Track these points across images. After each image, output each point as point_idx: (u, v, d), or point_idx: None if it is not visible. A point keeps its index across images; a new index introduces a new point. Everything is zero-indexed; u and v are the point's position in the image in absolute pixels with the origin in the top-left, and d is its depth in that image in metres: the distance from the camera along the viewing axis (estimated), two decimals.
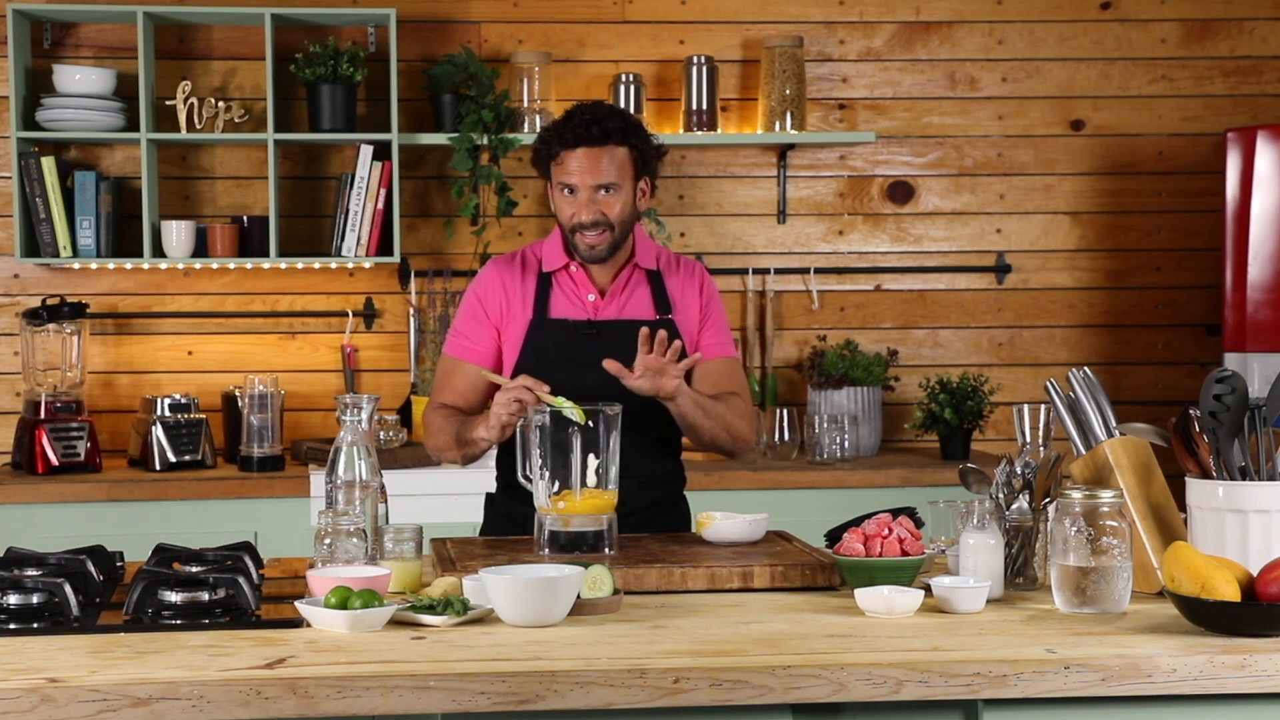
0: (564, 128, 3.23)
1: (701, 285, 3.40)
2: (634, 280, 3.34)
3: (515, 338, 3.30)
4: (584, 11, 5.26)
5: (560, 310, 3.31)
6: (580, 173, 3.21)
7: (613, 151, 3.22)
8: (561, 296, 3.32)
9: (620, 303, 3.32)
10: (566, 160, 3.22)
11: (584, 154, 3.21)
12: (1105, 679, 2.19)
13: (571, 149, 3.21)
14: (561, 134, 3.22)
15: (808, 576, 2.74)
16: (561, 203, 3.26)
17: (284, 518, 4.58)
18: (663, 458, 3.38)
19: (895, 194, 5.38)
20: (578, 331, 3.28)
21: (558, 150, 3.23)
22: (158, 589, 2.48)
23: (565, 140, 3.21)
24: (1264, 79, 5.43)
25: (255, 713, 2.07)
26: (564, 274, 3.33)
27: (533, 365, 3.22)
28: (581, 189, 3.22)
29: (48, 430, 4.71)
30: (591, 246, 3.25)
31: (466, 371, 3.33)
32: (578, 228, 3.24)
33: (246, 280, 5.17)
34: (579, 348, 3.25)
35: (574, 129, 3.21)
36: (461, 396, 3.34)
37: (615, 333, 3.27)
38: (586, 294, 3.31)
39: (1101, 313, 5.45)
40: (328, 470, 2.78)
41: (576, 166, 3.21)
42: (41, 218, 4.85)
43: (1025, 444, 2.81)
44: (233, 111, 4.97)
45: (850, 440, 4.95)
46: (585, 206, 3.22)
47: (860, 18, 5.34)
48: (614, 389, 3.11)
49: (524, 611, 2.40)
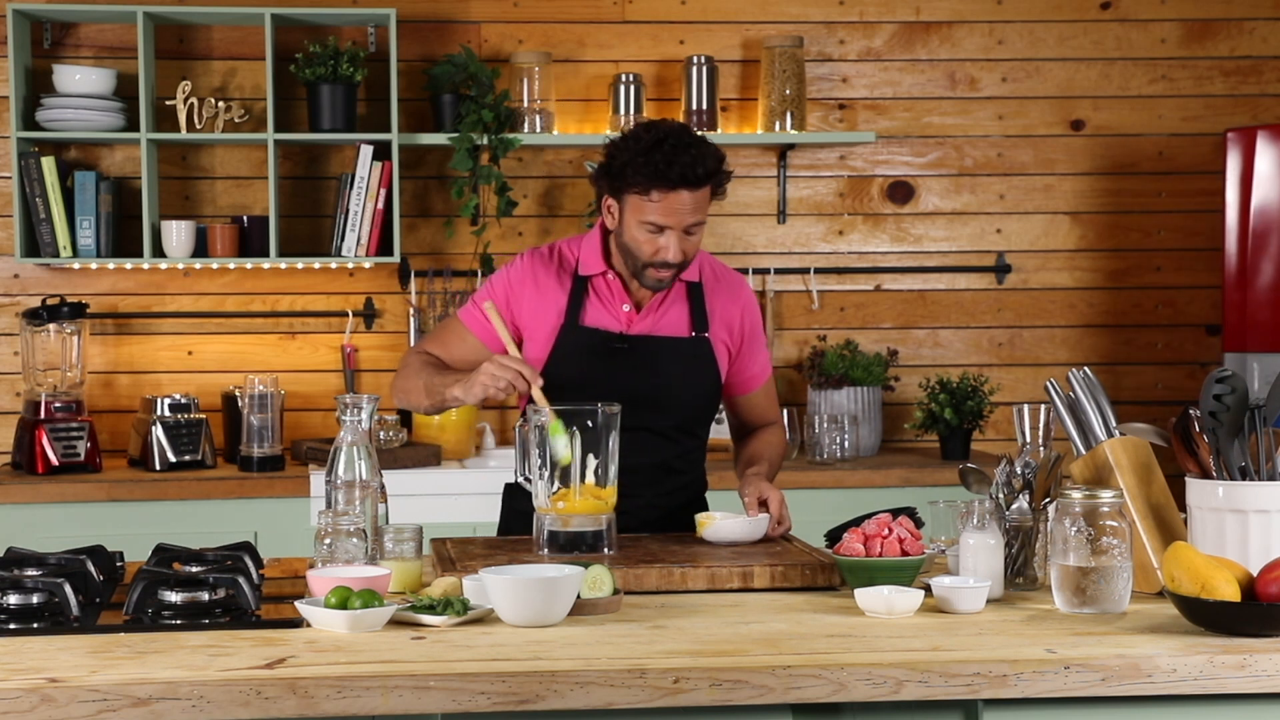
0: (665, 168, 3.00)
1: (744, 307, 3.29)
2: (672, 295, 3.23)
3: (542, 338, 3.20)
4: (584, 11, 5.26)
5: (594, 319, 3.19)
6: (676, 214, 3.04)
7: (706, 191, 3.06)
8: (596, 304, 3.20)
9: (655, 318, 3.21)
10: (665, 200, 3.02)
11: (687, 195, 3.02)
12: (1105, 679, 2.19)
13: (673, 190, 3.02)
14: (660, 172, 3.00)
15: (808, 576, 2.74)
16: (642, 235, 3.07)
17: (284, 518, 4.58)
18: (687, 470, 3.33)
19: (895, 194, 5.38)
20: (609, 343, 3.18)
21: (654, 188, 3.02)
22: (158, 589, 2.48)
23: (669, 181, 3.00)
24: (1264, 79, 5.43)
25: (255, 713, 2.07)
26: (600, 280, 3.21)
27: (560, 370, 3.15)
28: (676, 230, 3.07)
29: (48, 430, 4.71)
30: (661, 280, 3.13)
31: (468, 340, 3.24)
32: (659, 265, 3.10)
33: (246, 280, 5.17)
34: (607, 359, 3.16)
35: (679, 170, 3.00)
36: (450, 356, 3.24)
37: (646, 348, 3.19)
38: (621, 304, 3.20)
39: (1101, 313, 5.45)
40: (328, 470, 2.78)
41: (676, 207, 3.03)
42: (41, 218, 4.86)
43: (1025, 444, 2.81)
44: (233, 111, 4.97)
45: (850, 440, 4.95)
46: (675, 248, 3.07)
47: (860, 18, 5.34)
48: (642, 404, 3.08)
49: (524, 611, 2.40)
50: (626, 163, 3.05)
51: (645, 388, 3.16)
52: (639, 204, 3.06)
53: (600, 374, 3.15)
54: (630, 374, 3.16)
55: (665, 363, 3.17)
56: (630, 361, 3.17)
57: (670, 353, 3.20)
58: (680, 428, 3.25)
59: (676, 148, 3.01)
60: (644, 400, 3.14)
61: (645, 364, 3.17)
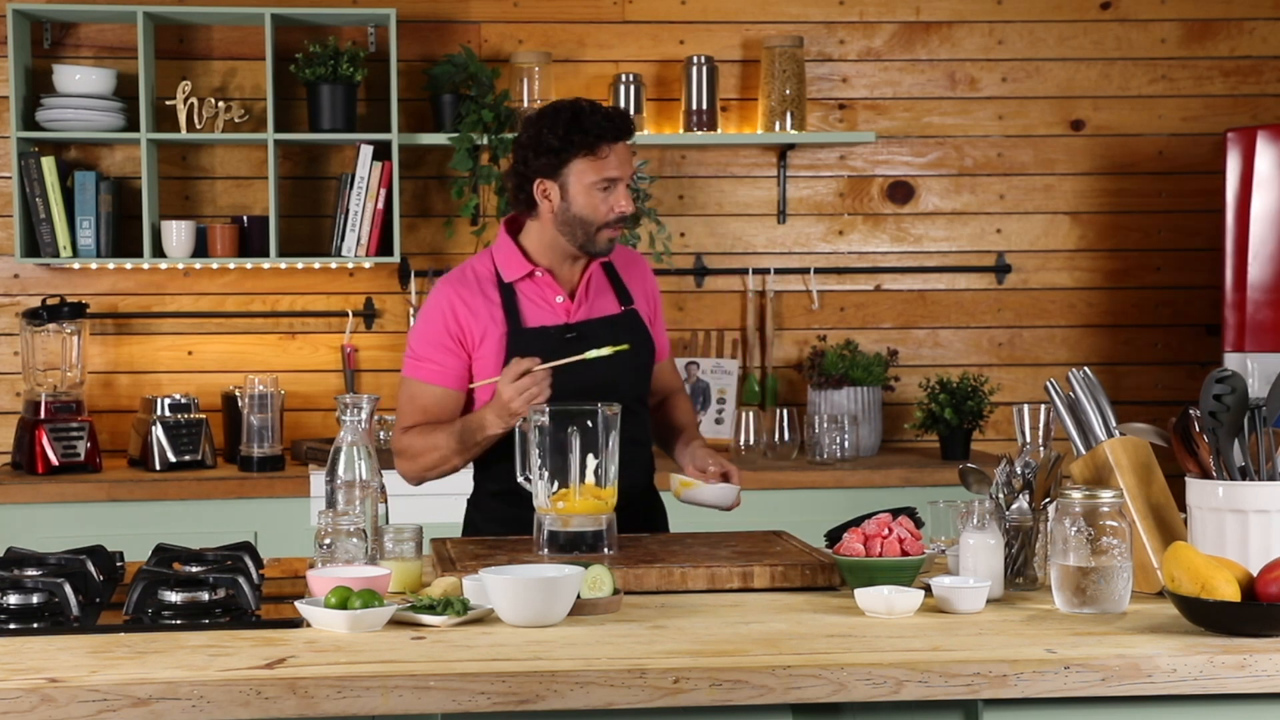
0: (602, 125, 3.18)
1: (647, 274, 3.45)
2: (596, 277, 3.34)
3: (491, 353, 3.24)
4: (584, 11, 5.27)
5: (534, 318, 3.27)
6: (621, 165, 3.20)
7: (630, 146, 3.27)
8: (530, 304, 3.28)
9: (590, 302, 3.32)
10: (609, 155, 3.18)
11: (623, 147, 3.22)
12: (1105, 679, 2.19)
13: (615, 142, 3.19)
14: (602, 130, 3.17)
15: (808, 576, 2.74)
16: (595, 198, 3.19)
17: (284, 518, 4.58)
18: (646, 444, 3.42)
19: (895, 194, 5.38)
20: (558, 337, 3.25)
21: (598, 143, 3.18)
22: (158, 589, 2.48)
23: (609, 135, 3.18)
24: (1264, 79, 5.43)
25: (255, 713, 2.07)
26: (527, 282, 3.28)
27: None
28: (624, 180, 3.21)
29: (48, 430, 4.71)
30: (613, 240, 3.26)
31: (438, 395, 3.28)
32: (615, 222, 3.23)
33: (246, 280, 5.17)
34: (561, 352, 3.19)
35: (615, 123, 3.19)
36: (433, 418, 3.28)
37: (594, 332, 3.27)
38: (554, 296, 3.28)
39: (1101, 313, 5.45)
40: (328, 470, 2.78)
41: (619, 160, 3.20)
42: (41, 218, 4.86)
43: (1025, 444, 2.81)
44: (233, 111, 4.97)
45: (850, 440, 4.95)
46: (624, 198, 3.21)
47: (860, 18, 5.34)
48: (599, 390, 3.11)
49: (524, 611, 2.40)
50: (565, 133, 3.18)
51: (603, 368, 3.20)
52: (587, 167, 3.19)
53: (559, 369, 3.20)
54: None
55: (614, 340, 3.22)
56: (583, 347, 3.21)
57: (614, 330, 3.30)
58: (639, 400, 3.34)
59: (598, 108, 3.20)
60: (603, 384, 3.19)
61: (597, 346, 3.21)
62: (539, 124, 3.22)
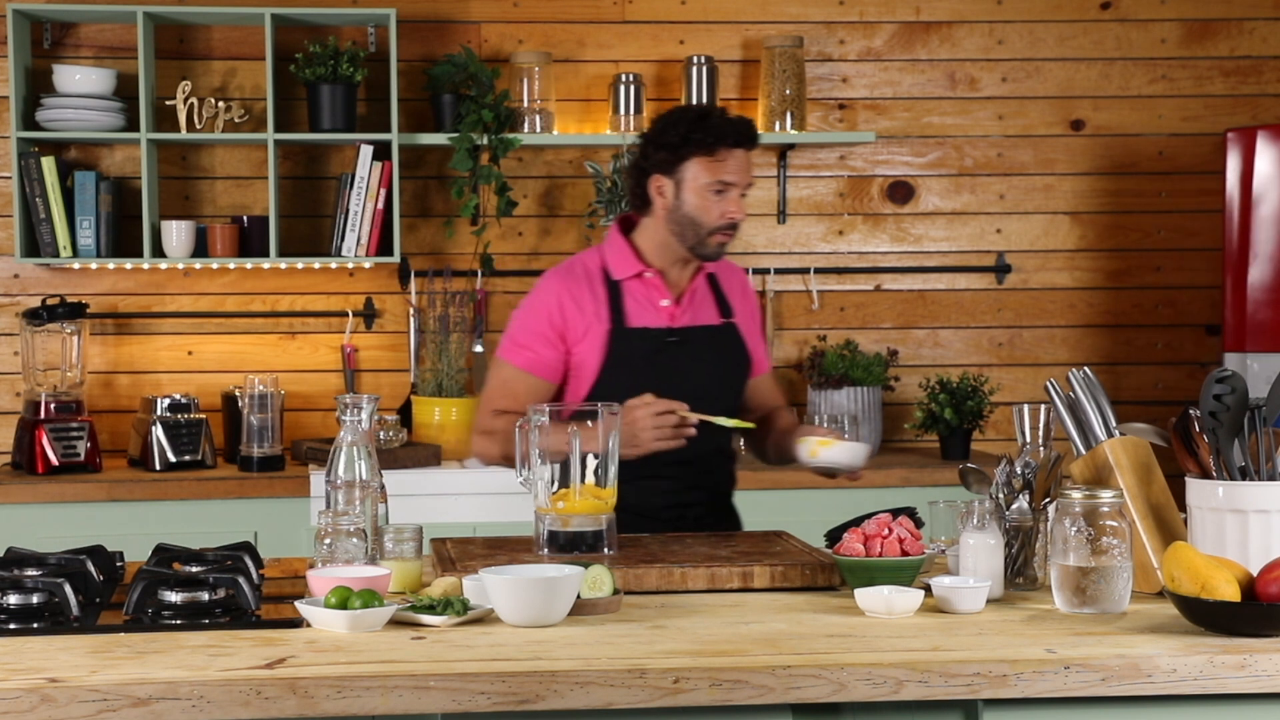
0: (724, 128, 3.23)
1: (745, 291, 3.47)
2: (700, 286, 3.37)
3: (593, 349, 3.28)
4: (584, 11, 5.27)
5: (638, 319, 3.30)
6: (739, 172, 3.24)
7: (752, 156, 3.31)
8: (636, 304, 3.30)
9: (694, 309, 3.35)
10: (728, 158, 3.23)
11: (743, 155, 3.26)
12: (1105, 679, 2.19)
13: (732, 149, 3.23)
14: (724, 133, 3.22)
15: (808, 576, 2.74)
16: (708, 201, 3.23)
17: (284, 518, 4.58)
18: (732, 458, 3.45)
19: (895, 194, 5.38)
20: (660, 339, 3.29)
21: (718, 147, 3.22)
22: (158, 589, 2.48)
23: (729, 139, 3.22)
24: (1264, 79, 5.43)
25: (255, 713, 2.07)
26: (635, 281, 3.32)
27: (617, 374, 3.26)
28: (739, 187, 3.25)
29: (48, 430, 4.70)
30: (723, 245, 3.28)
31: (530, 384, 3.29)
32: (726, 228, 3.25)
33: (246, 280, 5.17)
34: (661, 355, 3.27)
35: (736, 129, 3.24)
36: (521, 405, 3.23)
37: (695, 339, 3.32)
38: (660, 300, 3.31)
39: (1101, 313, 5.45)
40: (328, 470, 2.78)
41: (738, 165, 3.24)
42: (41, 218, 4.86)
43: (1025, 444, 2.81)
44: (233, 111, 4.97)
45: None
46: (736, 204, 3.24)
47: (860, 18, 5.34)
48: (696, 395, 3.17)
49: (524, 611, 2.40)
50: (688, 131, 3.23)
51: (700, 377, 3.29)
52: (702, 168, 3.22)
53: (656, 370, 3.26)
54: (685, 365, 3.29)
55: (712, 350, 3.31)
56: (683, 353, 3.29)
57: (713, 340, 3.34)
58: (730, 412, 3.33)
59: (726, 114, 3.27)
60: (698, 390, 3.23)
61: (696, 354, 3.29)
62: (664, 121, 3.29)
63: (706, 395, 3.24)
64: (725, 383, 3.36)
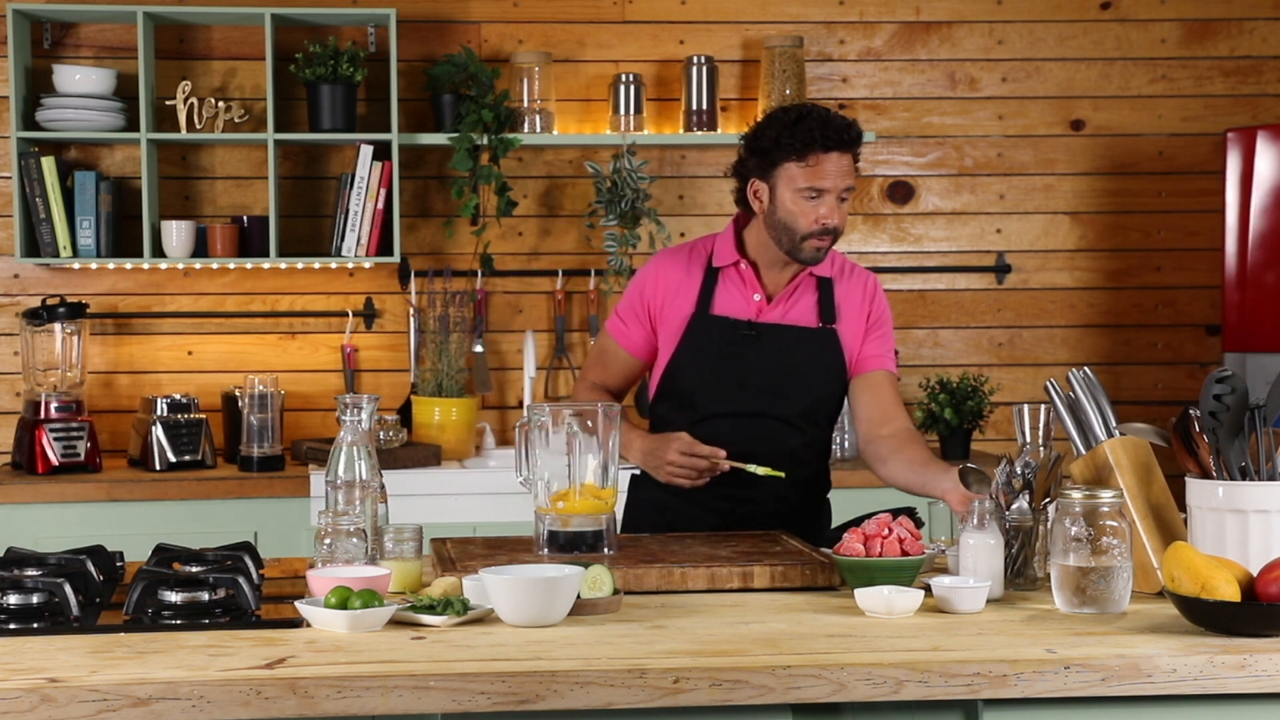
0: (818, 130, 3.14)
1: (873, 297, 3.36)
2: (803, 286, 3.31)
3: (674, 329, 3.30)
4: (584, 11, 5.26)
5: (723, 307, 3.29)
6: (834, 176, 3.15)
7: (853, 158, 3.21)
8: (726, 293, 3.30)
9: (785, 308, 3.30)
10: (821, 163, 3.14)
11: (838, 158, 3.15)
12: (1105, 679, 2.19)
13: (827, 152, 3.14)
14: (815, 136, 3.13)
15: (808, 576, 2.74)
16: (803, 205, 3.16)
17: (284, 518, 4.58)
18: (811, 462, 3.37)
19: (895, 194, 5.38)
20: (736, 331, 3.27)
21: (808, 152, 3.14)
22: (158, 589, 2.48)
23: (825, 142, 3.13)
24: (1264, 79, 5.43)
25: (255, 713, 2.07)
26: (732, 270, 3.31)
27: (689, 359, 3.27)
28: (833, 193, 3.16)
29: (48, 430, 4.70)
30: (820, 250, 3.21)
31: (619, 356, 3.39)
32: (819, 233, 3.18)
33: (246, 280, 5.17)
34: (735, 347, 3.26)
35: (836, 131, 3.14)
36: (612, 378, 3.39)
37: (774, 336, 3.27)
38: (752, 294, 3.30)
39: (1101, 313, 5.45)
40: (328, 470, 2.78)
41: (832, 169, 3.15)
42: (41, 218, 4.85)
43: (1025, 444, 2.81)
44: (233, 111, 4.97)
45: (850, 440, 4.94)
46: (833, 211, 3.16)
47: (860, 18, 5.34)
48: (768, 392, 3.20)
49: (524, 611, 2.40)
50: (779, 135, 3.17)
51: (771, 375, 3.26)
52: (794, 173, 3.16)
53: (728, 361, 3.26)
54: (757, 361, 3.26)
55: (792, 352, 3.26)
56: (758, 349, 3.26)
57: (797, 342, 3.28)
58: (804, 415, 3.30)
59: (823, 116, 3.17)
60: (770, 388, 3.24)
61: (772, 352, 3.26)
62: (760, 124, 3.25)
63: (776, 393, 3.24)
64: (804, 385, 3.28)
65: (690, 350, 3.28)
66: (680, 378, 3.30)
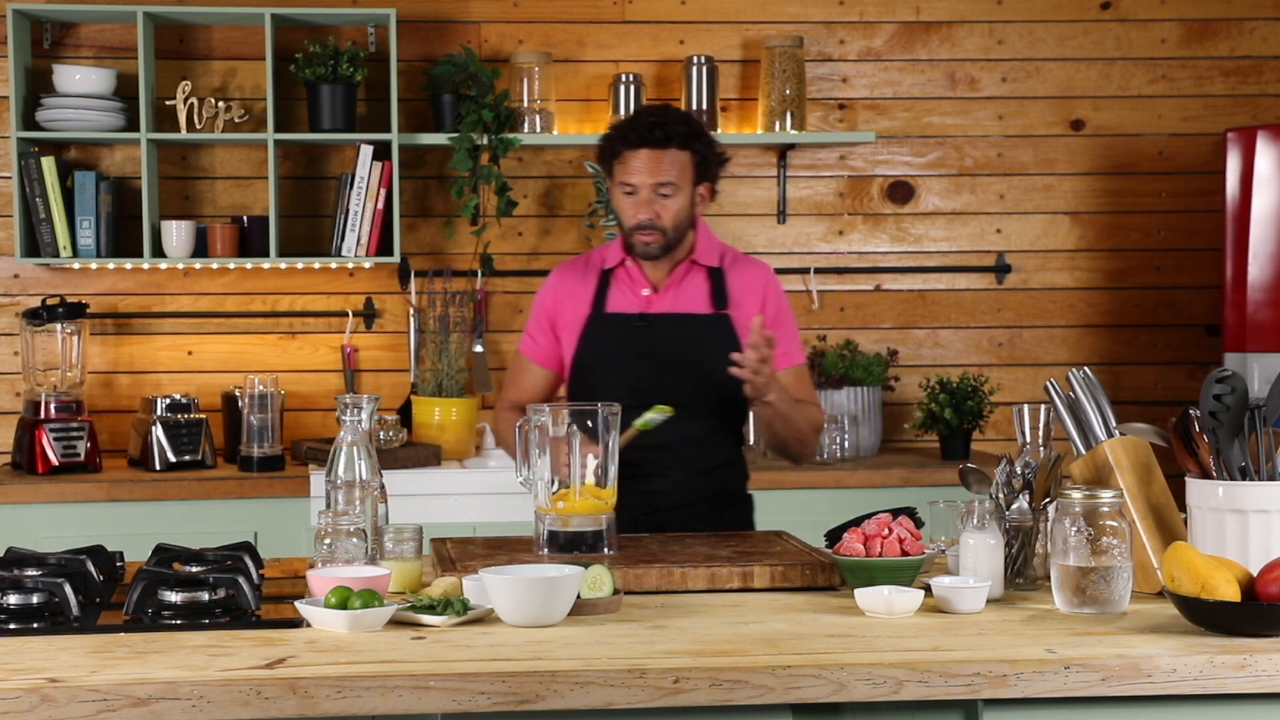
0: (628, 128, 3.32)
1: (766, 286, 3.45)
2: (690, 276, 3.41)
3: (574, 333, 3.41)
4: (584, 11, 5.26)
5: (615, 305, 3.40)
6: (642, 172, 3.30)
7: (674, 155, 3.30)
8: (617, 292, 3.41)
9: (674, 296, 3.40)
10: (629, 160, 3.30)
11: (646, 155, 3.30)
12: (1105, 679, 2.19)
13: (634, 149, 3.30)
14: (625, 134, 3.31)
15: (808, 576, 2.74)
16: (622, 202, 3.34)
17: (284, 518, 4.58)
18: (721, 450, 3.42)
19: (895, 194, 5.38)
20: (629, 324, 3.37)
21: (620, 150, 3.31)
22: (158, 589, 2.48)
23: (629, 141, 3.31)
24: (1264, 79, 5.43)
25: (255, 713, 2.07)
26: (621, 270, 3.43)
27: (588, 357, 3.38)
28: (641, 189, 3.30)
29: (48, 430, 4.70)
30: (646, 244, 3.34)
31: (532, 370, 3.48)
32: (635, 228, 3.33)
33: (246, 280, 5.17)
34: (630, 340, 3.36)
35: (638, 130, 3.30)
36: (526, 394, 3.47)
37: (665, 325, 3.36)
38: (640, 289, 3.41)
39: (1101, 313, 5.45)
40: (328, 470, 2.78)
41: (640, 166, 3.31)
42: (41, 218, 4.85)
43: (1025, 444, 2.81)
44: (233, 111, 4.97)
45: (850, 440, 4.94)
46: (643, 206, 3.30)
47: (860, 18, 5.34)
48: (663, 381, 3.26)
49: (524, 611, 2.40)
50: (608, 136, 3.37)
51: (666, 363, 3.33)
52: (616, 170, 3.34)
53: (624, 354, 3.35)
54: (651, 351, 3.35)
55: (685, 339, 3.34)
56: (650, 339, 3.34)
57: (689, 329, 3.36)
58: (706, 405, 3.35)
59: (640, 115, 3.35)
60: (667, 375, 3.31)
61: (665, 340, 3.34)
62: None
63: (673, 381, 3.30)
64: (700, 370, 3.33)
65: (589, 349, 3.39)
66: (583, 378, 3.40)
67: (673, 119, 3.31)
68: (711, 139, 3.38)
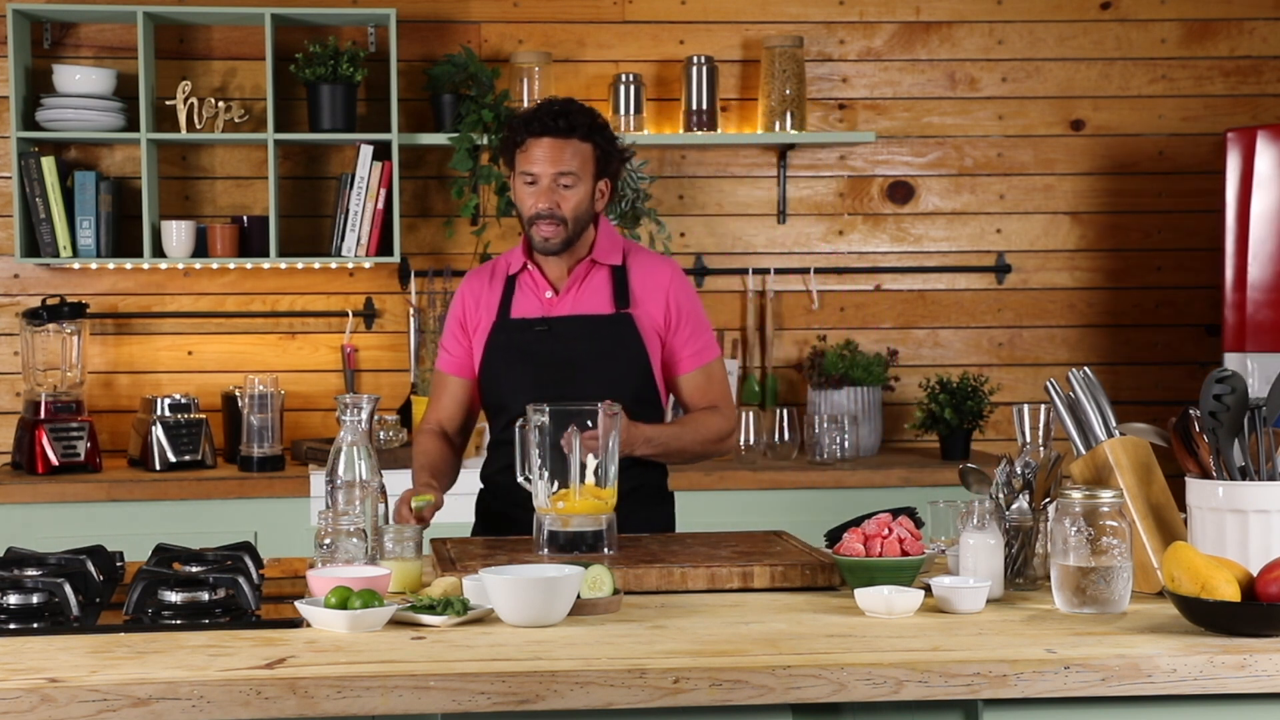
0: (531, 118, 3.28)
1: (669, 282, 3.37)
2: (590, 275, 3.36)
3: (481, 341, 3.38)
4: (584, 11, 5.27)
5: (520, 310, 3.36)
6: (541, 162, 3.26)
7: (577, 146, 3.27)
8: (521, 297, 3.37)
9: (574, 298, 3.35)
10: (531, 149, 3.27)
11: (548, 144, 3.26)
12: (1105, 679, 2.19)
13: (537, 138, 3.26)
14: (528, 123, 3.28)
15: (808, 576, 2.74)
16: (522, 192, 3.30)
17: (284, 518, 4.58)
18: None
19: (895, 194, 5.38)
20: (531, 329, 3.33)
21: (524, 139, 3.27)
22: (158, 589, 2.48)
23: (532, 129, 3.27)
24: (1264, 79, 5.43)
25: (255, 713, 2.07)
26: (525, 275, 3.39)
27: (493, 365, 3.35)
28: (542, 178, 3.26)
29: (48, 430, 4.71)
30: (546, 239, 3.29)
31: (450, 384, 3.44)
32: (535, 218, 3.28)
33: (246, 280, 5.17)
34: (533, 345, 3.32)
35: (541, 119, 3.26)
36: (445, 410, 3.45)
37: (566, 327, 3.33)
38: (543, 291, 3.37)
39: (1101, 313, 5.45)
40: (328, 470, 2.78)
41: (541, 155, 3.26)
42: (41, 218, 4.86)
43: (1025, 444, 2.81)
44: (233, 111, 4.97)
45: (850, 440, 4.94)
46: (543, 195, 3.26)
47: (860, 18, 5.34)
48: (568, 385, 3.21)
49: (524, 611, 2.40)
50: (510, 125, 3.34)
51: (570, 367, 3.29)
52: (518, 160, 3.30)
53: (528, 359, 3.31)
54: (553, 354, 3.31)
55: (586, 340, 3.31)
56: (552, 343, 3.31)
57: (591, 330, 3.32)
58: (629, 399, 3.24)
59: (546, 105, 3.30)
60: (570, 378, 3.27)
61: (566, 343, 3.31)
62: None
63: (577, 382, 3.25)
64: (603, 371, 3.29)
65: (494, 357, 3.36)
66: (491, 386, 3.37)
67: (576, 110, 3.29)
68: (614, 136, 3.35)
